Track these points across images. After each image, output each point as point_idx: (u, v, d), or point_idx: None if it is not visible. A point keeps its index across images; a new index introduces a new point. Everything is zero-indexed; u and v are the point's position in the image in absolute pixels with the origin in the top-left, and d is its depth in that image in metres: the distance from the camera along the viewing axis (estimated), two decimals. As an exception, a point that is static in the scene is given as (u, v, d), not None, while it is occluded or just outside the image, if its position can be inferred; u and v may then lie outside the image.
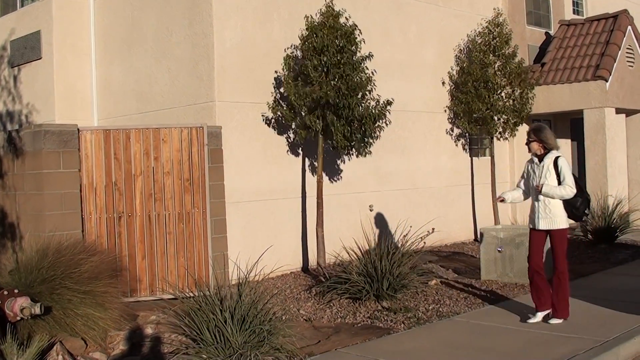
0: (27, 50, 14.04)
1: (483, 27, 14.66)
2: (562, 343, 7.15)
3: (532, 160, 8.25)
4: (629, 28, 15.90)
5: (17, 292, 7.12)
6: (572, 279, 10.47)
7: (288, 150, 11.84)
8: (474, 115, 14.27)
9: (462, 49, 15.13)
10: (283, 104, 11.43)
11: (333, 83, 10.50)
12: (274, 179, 11.62)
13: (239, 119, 11.17)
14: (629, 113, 17.11)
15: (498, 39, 14.37)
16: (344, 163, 12.58)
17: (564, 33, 16.64)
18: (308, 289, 10.10)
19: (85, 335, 7.36)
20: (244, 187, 11.12)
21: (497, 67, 14.38)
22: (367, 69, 11.02)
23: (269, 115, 11.33)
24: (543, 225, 7.98)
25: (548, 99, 15.70)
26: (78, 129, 9.42)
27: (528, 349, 7.04)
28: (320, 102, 10.51)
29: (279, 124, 11.58)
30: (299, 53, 11.16)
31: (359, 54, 10.95)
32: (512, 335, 7.55)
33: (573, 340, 7.19)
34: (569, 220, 8.06)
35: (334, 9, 10.85)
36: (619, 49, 15.45)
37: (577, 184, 7.91)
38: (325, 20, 10.72)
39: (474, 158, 15.53)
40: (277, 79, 11.58)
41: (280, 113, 11.01)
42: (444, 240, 13.88)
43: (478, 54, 14.35)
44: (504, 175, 16.07)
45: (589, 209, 8.09)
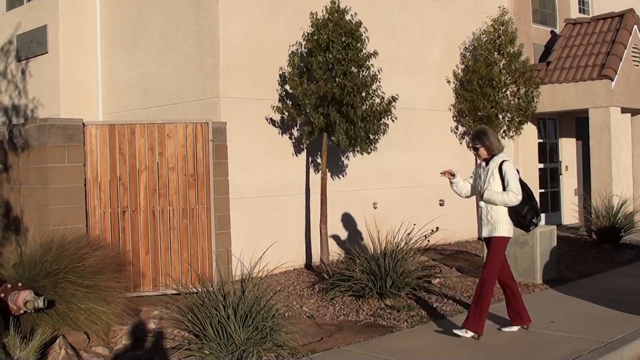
0: (33, 45, 14.05)
1: (488, 25, 14.63)
2: (566, 343, 7.14)
3: (480, 164, 7.92)
4: (635, 27, 15.84)
5: (20, 285, 7.13)
6: (576, 279, 10.53)
7: (292, 147, 11.84)
8: (479, 114, 14.24)
9: (467, 47, 15.10)
10: (288, 101, 11.42)
11: (338, 80, 10.49)
12: (278, 176, 11.62)
13: (244, 115, 11.17)
14: (635, 112, 17.09)
15: (503, 37, 14.35)
16: (348, 160, 12.56)
17: (570, 32, 16.61)
18: (311, 286, 10.10)
19: (88, 330, 7.36)
20: (248, 183, 11.12)
21: (502, 65, 14.36)
22: (372, 67, 11.01)
23: (274, 113, 11.31)
24: (484, 233, 7.53)
25: (553, 98, 15.66)
26: (83, 124, 9.42)
27: (532, 349, 7.04)
28: (325, 99, 10.50)
29: (284, 121, 11.58)
30: (304, 50, 11.15)
31: (364, 51, 10.94)
32: (515, 335, 7.55)
33: (577, 341, 7.18)
34: (520, 230, 7.63)
35: (340, 6, 10.84)
36: (625, 48, 15.41)
37: (525, 191, 7.44)
38: (331, 17, 10.70)
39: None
40: (282, 76, 11.57)
41: (285, 110, 11.00)
42: (448, 239, 13.86)
43: (483, 52, 14.33)
44: (509, 174, 16.00)
45: (538, 218, 7.51)
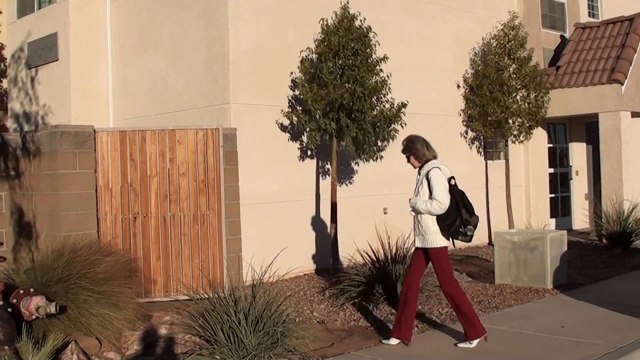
0: (44, 52, 14.14)
1: (498, 30, 14.64)
2: (577, 348, 7.12)
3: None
4: (645, 31, 15.82)
5: (32, 291, 7.16)
6: (586, 284, 10.49)
7: (302, 153, 11.86)
8: (489, 119, 14.24)
9: (477, 52, 15.11)
10: (297, 107, 11.45)
11: (347, 85, 10.51)
12: (288, 181, 11.64)
13: (254, 121, 11.20)
14: (645, 117, 17.04)
15: (513, 42, 14.35)
16: (358, 166, 12.57)
17: (579, 36, 16.59)
18: (321, 292, 10.10)
19: (100, 335, 7.38)
20: (258, 189, 11.14)
21: (512, 70, 14.35)
22: (382, 72, 11.03)
23: (284, 119, 11.35)
24: (417, 243, 7.41)
25: (563, 103, 15.63)
26: (94, 130, 9.47)
27: (543, 354, 7.02)
28: (335, 104, 10.53)
29: (294, 127, 11.60)
30: (314, 56, 11.18)
31: (374, 57, 10.96)
32: (526, 340, 7.52)
33: (588, 346, 7.16)
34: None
35: (349, 12, 10.87)
36: (635, 52, 15.37)
37: (454, 199, 7.25)
38: (341, 23, 10.73)
39: (489, 161, 15.49)
40: (292, 82, 11.60)
41: (295, 116, 11.03)
42: (458, 244, 13.82)
43: (493, 57, 14.34)
44: (519, 179, 16.02)
45: (466, 228, 7.22)
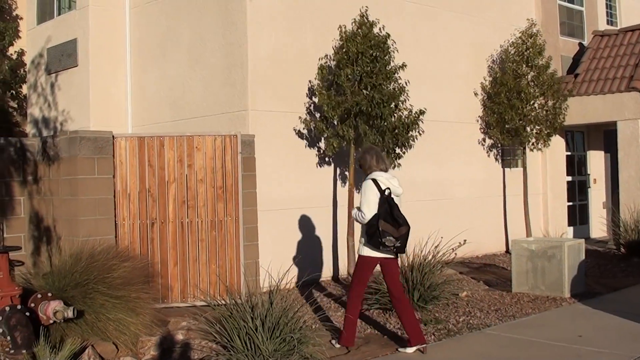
0: (63, 58, 14.24)
1: (516, 37, 14.60)
2: (594, 358, 7.08)
3: None
4: (665, 39, 15.76)
5: (50, 295, 7.21)
6: (604, 293, 10.43)
7: (319, 160, 11.87)
8: (507, 126, 14.21)
9: (494, 59, 15.08)
10: (315, 114, 11.47)
11: (365, 92, 10.52)
12: (305, 188, 11.65)
13: (272, 128, 11.22)
14: (664, 125, 16.93)
15: (531, 50, 14.30)
16: (375, 172, 12.55)
17: (598, 44, 16.52)
18: (338, 299, 10.10)
19: (117, 340, 7.41)
20: (276, 195, 11.16)
21: (530, 77, 14.31)
22: (400, 79, 11.03)
23: (302, 126, 11.37)
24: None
25: (581, 110, 15.57)
26: (113, 136, 9.52)
27: (560, 363, 7.00)
28: (352, 111, 10.54)
29: (311, 133, 11.62)
30: (332, 62, 11.20)
31: (392, 64, 10.96)
32: (543, 349, 7.48)
33: (606, 355, 7.12)
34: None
35: (368, 19, 10.88)
36: (654, 60, 15.31)
37: (379, 211, 7.24)
38: (359, 30, 10.75)
39: (506, 169, 15.45)
40: (310, 89, 11.63)
41: (313, 123, 11.05)
42: (475, 252, 13.81)
43: (511, 65, 14.30)
44: (537, 187, 15.96)
45: (385, 239, 7.17)
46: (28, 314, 6.98)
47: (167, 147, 9.72)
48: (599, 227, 16.84)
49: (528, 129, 14.32)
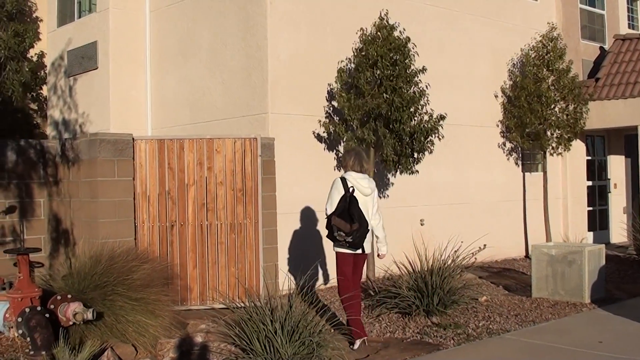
0: (83, 60, 14.30)
1: (537, 41, 14.51)
2: (616, 364, 7.02)
3: None
4: (687, 43, 15.62)
5: (70, 297, 7.24)
6: (624, 299, 10.33)
7: (339, 163, 11.84)
8: (527, 130, 14.13)
9: (515, 63, 15.00)
10: (335, 117, 11.45)
11: (385, 96, 10.49)
12: (325, 191, 11.55)
13: (291, 131, 11.22)
14: (685, 130, 16.77)
15: (552, 54, 14.21)
16: (394, 177, 12.52)
17: (619, 48, 16.40)
18: (357, 302, 10.05)
19: (136, 342, 7.43)
20: (295, 198, 11.14)
21: (550, 81, 14.23)
22: (420, 82, 10.99)
23: (321, 129, 11.35)
24: None
25: (602, 115, 15.45)
26: (133, 138, 9.54)
27: (581, 369, 6.93)
28: (372, 114, 10.51)
29: (330, 137, 11.60)
30: (352, 66, 11.18)
31: (413, 67, 10.93)
32: (563, 355, 7.41)
33: (628, 362, 7.06)
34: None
35: (388, 22, 10.86)
36: (676, 65, 15.18)
37: (337, 207, 7.77)
38: (379, 33, 10.72)
39: (526, 173, 15.36)
40: (329, 92, 11.61)
41: (332, 126, 11.03)
42: (495, 256, 13.74)
43: (531, 68, 14.22)
44: (557, 191, 15.85)
45: (340, 235, 7.71)
46: (48, 316, 7.01)
47: (187, 149, 9.73)
48: (619, 232, 16.69)
49: (549, 133, 14.24)
